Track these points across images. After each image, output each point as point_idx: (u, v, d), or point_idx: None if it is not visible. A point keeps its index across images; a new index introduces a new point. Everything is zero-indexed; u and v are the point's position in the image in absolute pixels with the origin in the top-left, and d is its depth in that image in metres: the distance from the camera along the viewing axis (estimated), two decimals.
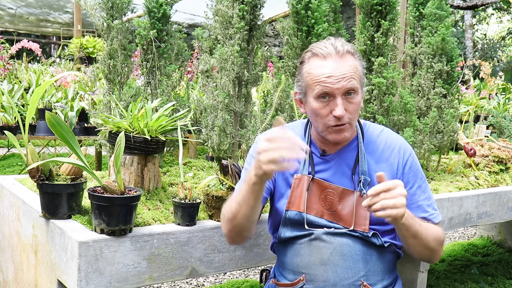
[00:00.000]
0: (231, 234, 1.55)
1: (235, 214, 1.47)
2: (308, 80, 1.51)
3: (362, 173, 1.55)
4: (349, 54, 1.50)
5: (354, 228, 1.52)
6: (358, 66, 1.51)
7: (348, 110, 1.48)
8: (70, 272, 1.50)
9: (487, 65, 7.38)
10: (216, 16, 2.35)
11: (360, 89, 1.51)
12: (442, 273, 3.38)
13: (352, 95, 1.48)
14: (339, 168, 1.56)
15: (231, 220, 1.50)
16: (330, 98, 1.47)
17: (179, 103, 2.45)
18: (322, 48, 1.49)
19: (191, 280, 3.22)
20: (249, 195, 1.41)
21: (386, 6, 2.49)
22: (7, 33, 11.83)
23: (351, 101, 1.48)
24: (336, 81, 1.45)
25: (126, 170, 1.88)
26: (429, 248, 1.51)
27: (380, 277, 1.54)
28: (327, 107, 1.48)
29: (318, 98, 1.48)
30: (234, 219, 1.48)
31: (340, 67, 1.46)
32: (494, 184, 2.77)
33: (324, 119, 1.49)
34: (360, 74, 1.51)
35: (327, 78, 1.45)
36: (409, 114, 2.51)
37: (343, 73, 1.45)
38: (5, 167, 5.99)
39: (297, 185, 1.57)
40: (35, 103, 1.60)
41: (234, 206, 1.47)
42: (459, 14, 19.38)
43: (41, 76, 4.98)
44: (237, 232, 1.53)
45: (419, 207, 1.58)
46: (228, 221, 1.51)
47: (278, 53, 9.54)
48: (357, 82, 1.48)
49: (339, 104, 1.45)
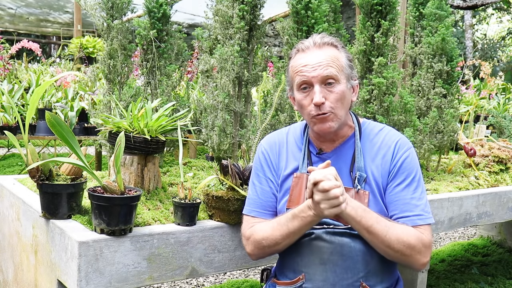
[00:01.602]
0: (263, 255, 1.61)
1: (279, 242, 1.52)
2: (291, 74, 1.58)
3: (358, 169, 1.55)
4: (329, 46, 1.55)
5: None
6: (339, 57, 1.54)
7: (329, 98, 1.50)
8: (70, 272, 1.50)
9: (487, 65, 7.38)
10: (216, 16, 2.35)
11: (344, 79, 1.53)
12: (442, 273, 3.38)
13: (332, 84, 1.51)
14: (336, 166, 1.56)
15: (271, 247, 1.55)
16: (310, 88, 1.52)
17: (179, 103, 2.45)
18: (303, 43, 1.57)
19: (191, 280, 3.22)
20: (302, 228, 1.47)
21: (386, 6, 2.49)
22: (7, 33, 11.83)
23: (331, 90, 1.51)
24: (312, 69, 1.50)
25: (126, 170, 1.88)
26: (392, 249, 1.45)
27: (379, 278, 1.54)
28: (308, 97, 1.52)
29: (299, 89, 1.54)
30: (276, 245, 1.54)
31: (316, 56, 1.52)
32: (494, 184, 2.77)
33: (306, 109, 1.53)
34: (342, 65, 1.54)
35: (303, 67, 1.52)
36: (409, 114, 2.51)
37: (319, 62, 1.50)
38: (5, 167, 5.99)
39: (296, 184, 1.58)
40: (35, 103, 1.60)
41: (278, 237, 1.52)
42: (459, 14, 19.38)
43: (41, 76, 4.98)
44: (271, 253, 1.61)
45: (405, 204, 1.53)
46: (266, 248, 1.56)
47: (278, 53, 9.55)
48: (336, 71, 1.51)
49: (317, 92, 1.50)
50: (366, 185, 1.55)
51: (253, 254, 1.60)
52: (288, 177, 1.62)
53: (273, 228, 1.53)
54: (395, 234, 1.45)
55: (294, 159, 1.63)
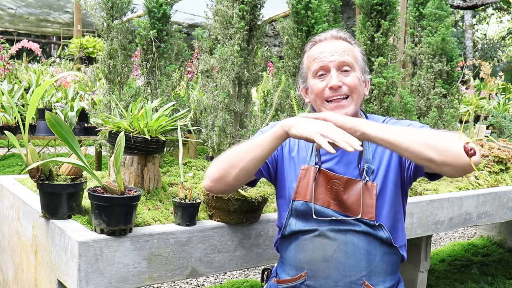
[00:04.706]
0: (220, 174, 1.50)
1: (243, 157, 1.46)
2: (307, 63, 1.62)
3: (366, 161, 1.55)
4: (344, 40, 1.61)
5: (362, 217, 1.50)
6: (354, 50, 1.60)
7: (346, 82, 1.53)
8: (70, 272, 1.50)
9: (487, 65, 7.37)
10: (216, 16, 2.35)
11: (359, 70, 1.57)
12: (442, 273, 3.38)
13: (348, 71, 1.55)
14: (345, 158, 1.57)
15: (231, 159, 1.48)
16: (326, 74, 1.55)
17: (179, 103, 2.45)
18: (320, 35, 1.64)
19: (191, 280, 3.22)
20: (269, 142, 1.43)
21: (386, 6, 2.49)
22: (7, 33, 11.83)
23: (348, 75, 1.54)
24: (329, 55, 1.55)
25: (126, 170, 1.88)
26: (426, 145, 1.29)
27: (382, 278, 1.54)
28: (324, 81, 1.55)
29: (316, 75, 1.57)
30: (238, 160, 1.47)
31: (333, 45, 1.58)
32: (494, 184, 2.77)
33: (321, 94, 1.55)
34: (356, 56, 1.59)
35: (321, 54, 1.56)
36: (409, 114, 2.51)
37: (336, 49, 1.56)
38: (5, 167, 5.99)
39: (304, 176, 1.57)
40: (35, 103, 1.60)
41: (243, 149, 1.47)
42: (459, 14, 19.38)
43: (41, 76, 4.98)
44: (227, 173, 1.49)
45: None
46: (226, 163, 1.48)
47: (278, 53, 9.54)
48: (352, 59, 1.56)
49: (333, 76, 1.53)
50: (375, 177, 1.54)
51: (211, 175, 1.52)
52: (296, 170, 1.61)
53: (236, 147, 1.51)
54: (418, 131, 1.37)
55: (304, 147, 1.63)
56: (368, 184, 1.52)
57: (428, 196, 2.39)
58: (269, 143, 1.46)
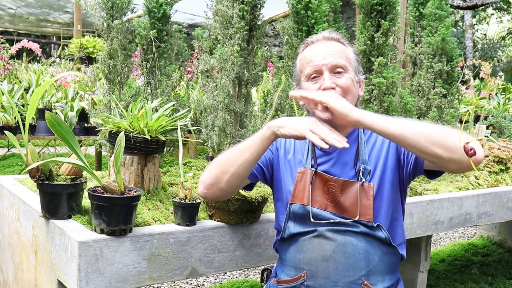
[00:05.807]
0: (212, 180, 1.55)
1: (235, 161, 1.50)
2: (300, 66, 1.61)
3: (362, 162, 1.55)
4: (336, 41, 1.60)
5: (359, 219, 1.51)
6: (347, 51, 1.59)
7: (339, 84, 1.52)
8: (70, 272, 1.50)
9: (487, 65, 7.37)
10: (216, 16, 2.35)
11: (352, 71, 1.56)
12: (442, 273, 3.38)
13: (341, 73, 1.54)
14: (341, 160, 1.56)
15: (223, 163, 1.52)
16: (319, 76, 1.54)
17: (179, 103, 2.45)
18: (312, 37, 1.63)
19: (191, 280, 3.22)
20: (257, 145, 1.47)
21: (386, 6, 2.49)
22: (7, 33, 11.83)
23: (341, 77, 1.53)
24: (321, 58, 1.53)
25: (126, 170, 1.88)
26: (435, 143, 1.29)
27: (381, 277, 1.54)
28: (317, 84, 1.54)
29: (309, 78, 1.56)
30: (229, 164, 1.51)
31: (326, 47, 1.56)
32: (494, 184, 2.77)
33: None
34: (349, 57, 1.57)
35: (313, 56, 1.55)
36: (409, 114, 2.51)
37: (329, 51, 1.54)
38: (5, 167, 5.99)
39: (301, 179, 1.57)
40: (35, 103, 1.60)
41: (234, 152, 1.51)
42: (459, 14, 19.38)
43: (41, 76, 4.98)
44: (219, 179, 1.53)
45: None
46: (218, 167, 1.53)
47: (278, 53, 9.54)
48: (345, 61, 1.55)
49: (326, 78, 1.52)
50: (372, 177, 1.54)
51: (203, 181, 1.57)
52: (293, 173, 1.61)
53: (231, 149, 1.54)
54: (423, 124, 1.37)
55: (300, 149, 1.64)
56: (364, 185, 1.52)
57: (428, 196, 2.39)
58: (258, 146, 1.47)
